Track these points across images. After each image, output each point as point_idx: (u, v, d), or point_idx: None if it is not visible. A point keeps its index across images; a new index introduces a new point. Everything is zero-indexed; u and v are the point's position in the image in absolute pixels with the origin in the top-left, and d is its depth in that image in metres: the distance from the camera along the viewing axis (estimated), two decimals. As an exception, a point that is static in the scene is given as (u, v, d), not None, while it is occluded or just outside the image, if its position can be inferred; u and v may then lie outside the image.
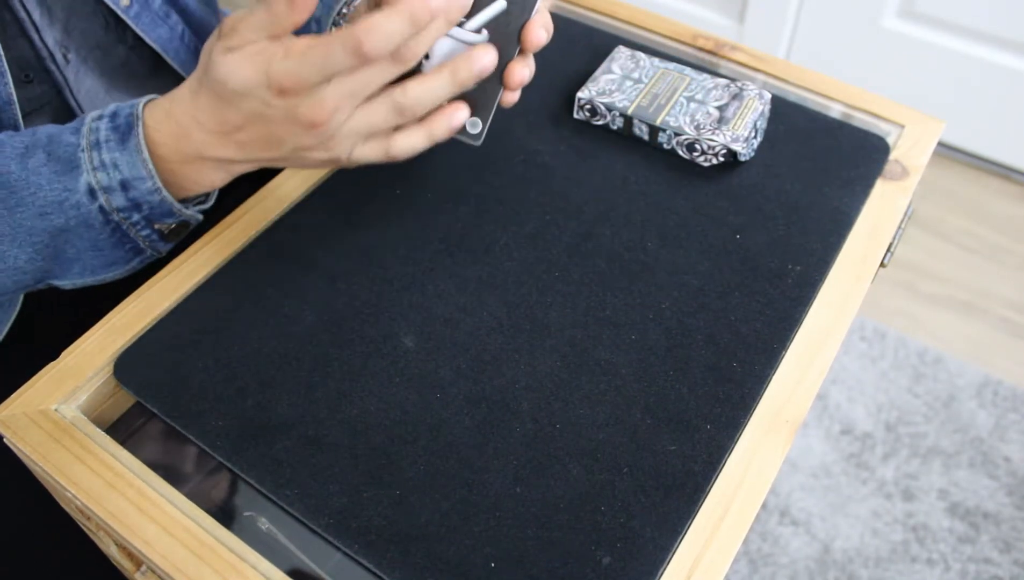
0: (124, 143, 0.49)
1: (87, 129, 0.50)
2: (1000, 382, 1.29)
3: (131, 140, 0.49)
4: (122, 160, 0.49)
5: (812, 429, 1.25)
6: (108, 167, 0.49)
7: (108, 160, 0.49)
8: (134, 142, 0.49)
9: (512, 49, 0.49)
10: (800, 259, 0.55)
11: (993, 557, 1.13)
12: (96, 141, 0.49)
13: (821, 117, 0.65)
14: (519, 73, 0.49)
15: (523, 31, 0.48)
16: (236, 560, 0.43)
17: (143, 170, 0.49)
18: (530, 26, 0.48)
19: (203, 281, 0.55)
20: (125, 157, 0.49)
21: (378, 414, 0.48)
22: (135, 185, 0.50)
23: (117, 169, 0.49)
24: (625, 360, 0.50)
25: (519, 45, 0.49)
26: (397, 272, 0.55)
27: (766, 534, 1.16)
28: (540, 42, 0.49)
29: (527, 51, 0.49)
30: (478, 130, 0.51)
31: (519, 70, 0.49)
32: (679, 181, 0.60)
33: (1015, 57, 1.44)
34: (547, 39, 0.49)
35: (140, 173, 0.49)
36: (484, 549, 0.43)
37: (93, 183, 0.49)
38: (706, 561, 0.43)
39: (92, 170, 0.49)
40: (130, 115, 0.49)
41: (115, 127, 0.49)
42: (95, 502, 0.45)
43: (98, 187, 0.49)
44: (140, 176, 0.49)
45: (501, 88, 0.50)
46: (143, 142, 0.49)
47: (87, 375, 0.50)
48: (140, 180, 0.49)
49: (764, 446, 0.47)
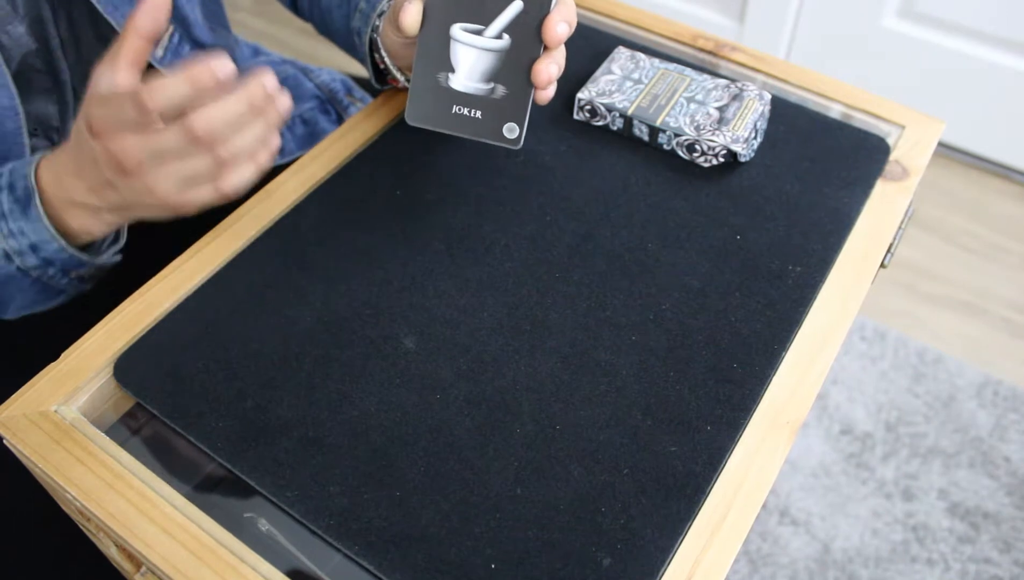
0: (26, 213, 0.53)
1: None
2: (1000, 382, 1.29)
3: (31, 210, 0.53)
4: (27, 228, 0.53)
5: (812, 429, 1.25)
6: (16, 234, 0.53)
7: (15, 228, 0.53)
8: (34, 212, 0.53)
9: (536, 47, 0.49)
10: (800, 260, 0.55)
11: (993, 557, 1.13)
12: (2, 212, 0.53)
13: (821, 117, 0.64)
14: (545, 72, 0.49)
15: (542, 28, 0.48)
16: (236, 561, 0.43)
17: (46, 234, 0.53)
18: (548, 22, 0.48)
19: (203, 282, 0.55)
20: (29, 225, 0.53)
21: (378, 415, 0.48)
22: (42, 247, 0.54)
23: (24, 235, 0.53)
24: (625, 361, 0.50)
25: (542, 43, 0.49)
26: (397, 273, 0.55)
27: (766, 534, 1.16)
28: (560, 37, 0.48)
29: (550, 48, 0.49)
30: (516, 135, 0.51)
31: (544, 68, 0.49)
32: (679, 182, 0.60)
33: (1015, 57, 1.44)
34: (569, 32, 0.49)
35: (44, 237, 0.53)
36: (484, 550, 0.43)
37: (7, 248, 0.54)
38: (706, 562, 0.43)
39: (4, 238, 0.53)
40: (26, 187, 0.53)
41: (16, 199, 0.53)
42: (95, 503, 0.45)
43: (12, 252, 0.54)
44: (45, 239, 0.53)
45: (532, 88, 0.50)
46: (41, 210, 0.53)
47: (87, 376, 0.50)
48: (46, 242, 0.53)
49: (764, 447, 0.47)
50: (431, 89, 0.51)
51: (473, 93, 0.51)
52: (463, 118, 0.51)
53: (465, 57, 0.50)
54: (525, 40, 0.49)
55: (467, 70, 0.50)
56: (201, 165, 0.47)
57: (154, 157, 0.46)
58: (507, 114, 0.51)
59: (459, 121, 0.51)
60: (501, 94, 0.50)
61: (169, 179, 0.48)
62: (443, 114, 0.51)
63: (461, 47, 0.49)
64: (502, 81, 0.50)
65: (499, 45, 0.49)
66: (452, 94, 0.51)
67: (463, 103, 0.51)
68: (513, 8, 0.48)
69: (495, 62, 0.50)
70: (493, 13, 0.48)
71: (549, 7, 0.48)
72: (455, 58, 0.50)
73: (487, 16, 0.48)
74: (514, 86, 0.50)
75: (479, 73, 0.50)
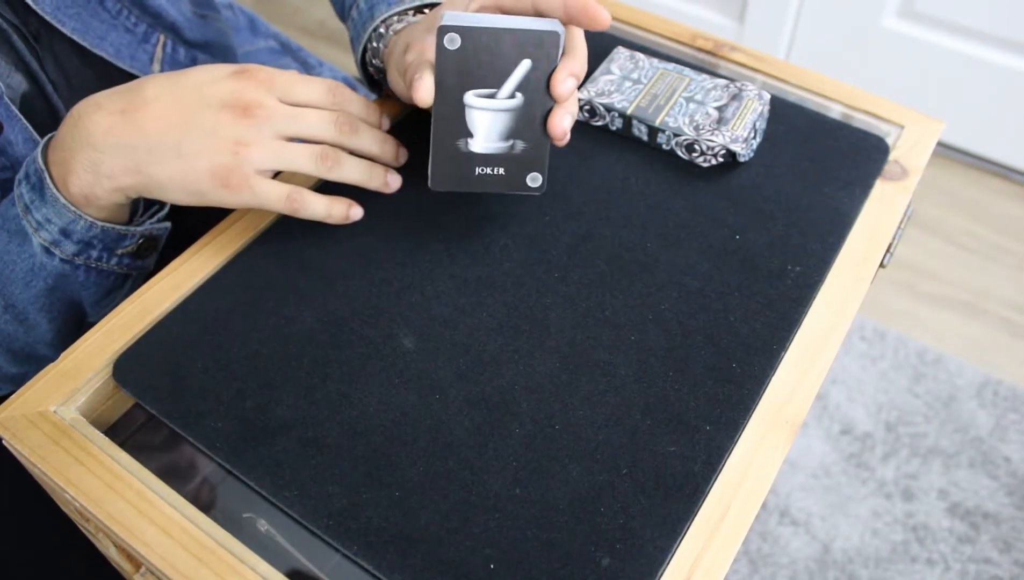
0: (43, 197, 0.51)
1: (16, 196, 0.52)
2: (1000, 382, 1.29)
3: (46, 193, 0.51)
4: (51, 213, 0.51)
5: (812, 429, 1.25)
6: (44, 224, 0.51)
7: (41, 218, 0.51)
8: (49, 193, 0.51)
9: (549, 98, 0.50)
10: (800, 260, 0.55)
11: (993, 557, 1.13)
12: (26, 206, 0.51)
13: (820, 117, 0.64)
14: (559, 125, 0.49)
15: (550, 84, 0.49)
16: (235, 562, 0.43)
17: (69, 213, 0.51)
18: (555, 79, 0.48)
19: (202, 282, 0.55)
20: (51, 210, 0.51)
21: (377, 415, 0.48)
22: (72, 229, 0.51)
23: (51, 222, 0.51)
24: (625, 361, 0.50)
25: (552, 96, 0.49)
26: (396, 273, 0.55)
27: (766, 534, 1.15)
28: (569, 92, 0.49)
29: (560, 101, 0.49)
30: (539, 183, 0.52)
31: (559, 122, 0.49)
32: (678, 182, 0.60)
33: (1015, 57, 1.44)
34: (576, 84, 0.49)
35: (69, 217, 0.51)
36: (483, 550, 0.43)
37: (42, 242, 0.52)
38: (706, 562, 0.43)
39: (35, 232, 0.51)
40: (36, 169, 0.51)
41: (32, 186, 0.51)
42: (94, 504, 0.45)
43: (47, 244, 0.52)
44: (71, 219, 0.51)
45: (549, 137, 0.51)
46: (55, 189, 0.50)
47: (86, 376, 0.50)
48: (73, 222, 0.51)
49: (764, 447, 0.47)
50: (452, 156, 0.51)
51: (494, 153, 0.51)
52: (486, 177, 0.52)
53: (482, 121, 0.50)
54: (537, 94, 0.49)
55: (485, 133, 0.50)
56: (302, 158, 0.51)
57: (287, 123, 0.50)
58: (528, 166, 0.52)
59: (483, 180, 0.52)
60: (520, 149, 0.51)
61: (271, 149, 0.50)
62: (467, 177, 0.52)
63: (477, 112, 0.50)
64: (519, 136, 0.51)
65: (513, 105, 0.50)
66: (473, 157, 0.51)
67: (485, 164, 0.52)
68: (522, 68, 0.48)
69: (511, 120, 0.50)
70: (504, 74, 0.49)
71: (556, 60, 0.48)
72: (472, 123, 0.50)
73: (498, 78, 0.49)
74: (532, 138, 0.51)
75: (497, 134, 0.51)
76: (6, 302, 0.54)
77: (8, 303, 0.54)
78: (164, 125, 0.49)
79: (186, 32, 0.65)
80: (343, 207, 0.54)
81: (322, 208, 0.53)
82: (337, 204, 0.54)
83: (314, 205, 0.53)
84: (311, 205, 0.53)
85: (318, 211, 0.53)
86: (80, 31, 0.57)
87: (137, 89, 0.50)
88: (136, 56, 0.62)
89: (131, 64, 0.61)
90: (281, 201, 0.51)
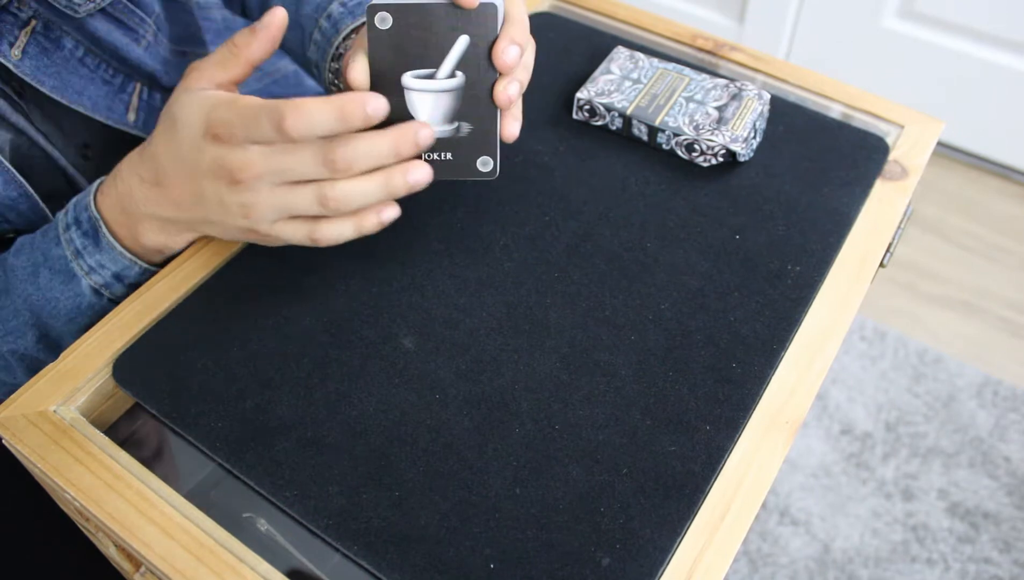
0: (98, 245, 0.53)
1: (65, 241, 0.53)
2: (1000, 382, 1.29)
3: (101, 241, 0.53)
4: (105, 259, 0.53)
5: (812, 429, 1.25)
6: (97, 269, 0.53)
7: (95, 263, 0.53)
8: (105, 242, 0.53)
9: (492, 76, 0.48)
10: (799, 259, 0.55)
11: (993, 557, 1.13)
12: (76, 250, 0.53)
13: (820, 117, 0.64)
14: (503, 92, 0.47)
15: (493, 55, 0.47)
16: (235, 561, 0.43)
17: (125, 261, 0.54)
18: (497, 49, 0.46)
19: (202, 282, 0.55)
20: (106, 257, 0.53)
21: (377, 415, 0.48)
22: (126, 274, 0.54)
23: (104, 268, 0.53)
24: (624, 361, 0.50)
25: (497, 70, 0.47)
26: (396, 273, 0.55)
27: (766, 534, 1.16)
28: (513, 61, 0.46)
29: (505, 73, 0.47)
30: (491, 168, 0.51)
31: (503, 89, 0.47)
32: (678, 181, 0.60)
33: (1015, 57, 1.44)
34: (521, 53, 0.47)
35: (125, 264, 0.54)
36: (483, 550, 0.43)
37: (93, 285, 0.54)
38: (706, 562, 0.43)
39: (86, 274, 0.53)
40: (90, 217, 0.53)
41: (84, 233, 0.53)
42: (94, 503, 0.45)
43: (98, 286, 0.54)
44: (126, 265, 0.54)
45: (498, 117, 0.49)
46: (111, 238, 0.53)
47: (86, 376, 0.50)
48: (128, 269, 0.54)
49: (764, 447, 0.47)
50: None
51: (439, 137, 0.49)
52: (434, 163, 0.50)
53: (422, 104, 0.48)
54: (479, 72, 0.47)
55: (427, 116, 0.48)
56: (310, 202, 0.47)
57: (274, 175, 0.45)
58: (478, 149, 0.50)
59: (432, 168, 0.49)
60: (467, 131, 0.49)
61: (273, 204, 0.47)
62: None
63: (416, 94, 0.48)
64: (465, 118, 0.49)
65: (454, 84, 0.48)
66: None
67: (431, 149, 0.50)
68: (460, 44, 0.46)
69: (454, 101, 0.48)
70: (441, 53, 0.47)
71: (496, 32, 0.46)
72: (413, 107, 0.48)
73: (435, 58, 0.47)
74: (478, 120, 0.49)
75: (440, 116, 0.49)
76: (42, 333, 0.55)
77: (43, 334, 0.55)
78: (187, 198, 0.49)
79: (163, 79, 0.65)
80: (373, 217, 0.49)
81: (349, 230, 0.49)
82: (366, 218, 0.49)
83: (340, 230, 0.49)
84: (336, 233, 0.49)
85: (346, 233, 0.49)
86: (59, 88, 0.58)
87: (154, 156, 0.50)
88: (112, 107, 0.62)
89: (107, 116, 0.62)
90: (307, 241, 0.49)
